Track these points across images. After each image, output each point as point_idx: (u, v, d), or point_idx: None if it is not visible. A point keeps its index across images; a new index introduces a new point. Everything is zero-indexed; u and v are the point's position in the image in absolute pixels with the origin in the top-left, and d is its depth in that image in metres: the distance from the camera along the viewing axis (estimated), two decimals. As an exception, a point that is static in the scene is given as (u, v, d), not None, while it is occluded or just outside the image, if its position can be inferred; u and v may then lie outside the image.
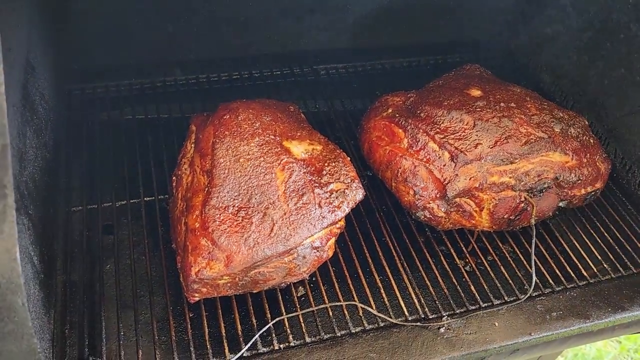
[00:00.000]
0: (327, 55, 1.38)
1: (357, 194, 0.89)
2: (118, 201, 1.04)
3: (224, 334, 0.86)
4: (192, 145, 0.93)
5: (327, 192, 0.87)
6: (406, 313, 0.93)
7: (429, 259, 1.02)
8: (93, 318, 0.88)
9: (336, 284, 0.95)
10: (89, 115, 1.20)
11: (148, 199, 1.05)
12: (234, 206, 0.81)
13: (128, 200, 1.04)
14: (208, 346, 0.84)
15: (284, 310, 0.90)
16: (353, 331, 0.89)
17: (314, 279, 0.96)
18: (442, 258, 1.03)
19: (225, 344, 0.85)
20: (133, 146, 1.14)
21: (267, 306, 0.91)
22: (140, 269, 0.95)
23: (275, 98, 1.12)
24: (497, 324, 0.93)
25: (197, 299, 0.83)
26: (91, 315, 0.88)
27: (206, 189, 0.82)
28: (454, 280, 0.99)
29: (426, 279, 0.98)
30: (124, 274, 0.94)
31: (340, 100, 1.30)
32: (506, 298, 0.97)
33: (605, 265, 1.04)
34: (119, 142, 1.15)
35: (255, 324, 0.88)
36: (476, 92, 1.04)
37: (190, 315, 0.89)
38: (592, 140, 1.04)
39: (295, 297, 0.93)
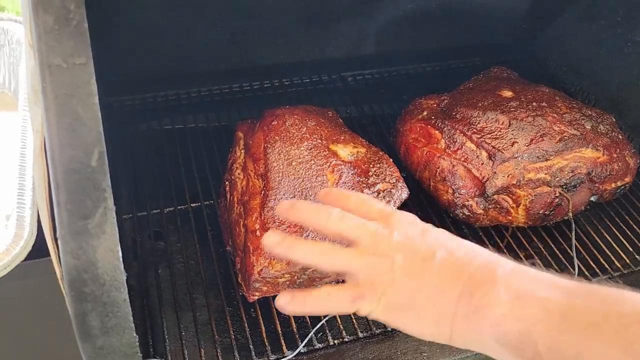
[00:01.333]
0: (353, 62, 1.42)
1: (403, 192, 0.93)
2: (166, 208, 1.08)
3: (280, 332, 0.90)
4: (242, 151, 0.97)
5: (374, 192, 0.91)
6: (451, 307, 0.96)
7: (467, 256, 1.05)
8: (153, 320, 0.91)
9: (382, 281, 0.99)
10: (129, 126, 1.24)
11: (194, 204, 1.08)
12: (290, 207, 0.84)
13: (175, 207, 1.08)
14: (266, 343, 0.88)
15: (334, 308, 0.94)
16: (403, 328, 0.93)
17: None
18: (480, 254, 1.06)
19: (283, 342, 0.88)
20: (175, 155, 1.18)
21: (318, 303, 0.94)
22: (192, 272, 0.99)
23: (307, 104, 1.16)
24: (539, 314, 0.96)
25: (256, 297, 0.87)
26: (152, 317, 0.92)
27: (262, 192, 0.86)
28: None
29: (467, 274, 1.02)
30: (178, 278, 0.98)
31: (370, 105, 1.34)
32: (546, 290, 1.00)
33: (637, 256, 1.07)
34: (161, 151, 1.18)
35: (309, 321, 0.92)
36: (508, 93, 1.09)
37: (246, 315, 0.92)
38: (620, 136, 1.08)
39: (344, 295, 0.97)
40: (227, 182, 0.96)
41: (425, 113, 1.10)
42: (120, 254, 0.56)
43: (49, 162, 0.57)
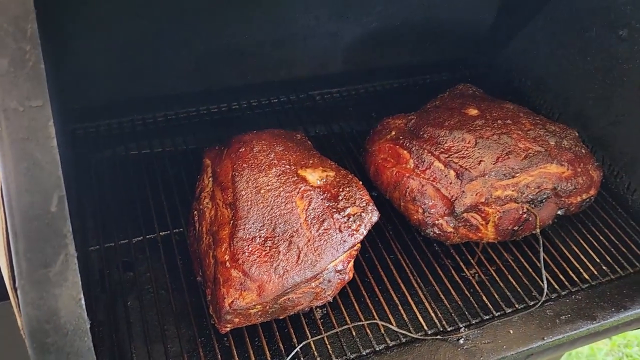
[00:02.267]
0: (320, 80, 1.43)
1: (373, 216, 0.93)
2: (134, 237, 1.06)
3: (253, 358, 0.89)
4: (210, 179, 0.96)
5: (344, 216, 0.91)
6: (425, 327, 0.96)
7: (440, 273, 1.06)
8: (124, 355, 0.89)
9: (355, 304, 0.99)
10: (94, 153, 1.22)
11: (163, 233, 1.07)
12: (260, 237, 0.84)
13: (144, 236, 1.06)
14: (239, 374, 0.87)
15: (308, 334, 0.93)
16: (377, 349, 0.93)
17: (333, 300, 0.99)
18: (451, 270, 1.07)
19: (257, 371, 0.88)
20: (142, 181, 1.16)
21: (292, 330, 0.94)
22: (163, 303, 0.97)
23: (276, 125, 1.16)
24: (511, 331, 0.97)
25: (228, 329, 0.86)
26: (121, 352, 0.90)
27: (231, 222, 0.85)
28: (466, 291, 1.03)
29: (439, 292, 1.03)
30: (148, 309, 0.96)
31: (338, 124, 1.35)
32: (517, 306, 1.01)
33: (604, 267, 1.10)
34: (127, 178, 1.17)
35: (282, 348, 0.91)
36: (473, 112, 1.10)
37: (218, 345, 0.91)
38: (583, 151, 1.10)
39: (318, 319, 0.96)
40: (195, 212, 0.95)
41: (393, 133, 1.10)
42: (83, 301, 0.54)
43: (6, 210, 0.55)
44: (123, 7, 1.12)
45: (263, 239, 0.84)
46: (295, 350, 0.90)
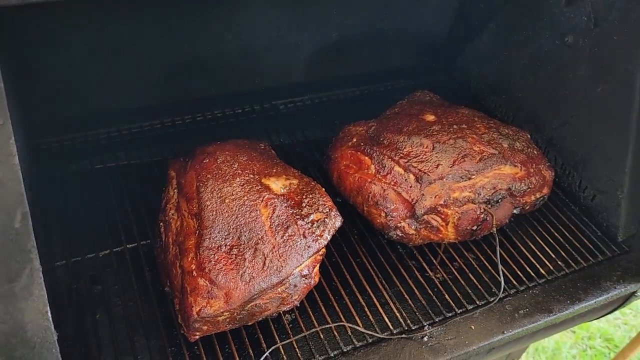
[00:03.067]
0: (283, 90, 1.45)
1: (336, 221, 0.96)
2: (101, 251, 1.06)
3: (223, 367, 0.91)
4: (175, 190, 0.98)
5: (308, 222, 0.93)
6: (391, 327, 1.00)
7: (404, 274, 1.10)
8: (93, 369, 0.90)
9: (322, 307, 1.01)
10: (59, 168, 1.21)
11: (130, 245, 1.08)
12: (226, 245, 0.86)
13: (111, 249, 1.07)
14: (210, 381, 0.88)
15: (277, 339, 0.95)
16: (345, 350, 0.95)
17: (301, 304, 1.01)
18: (415, 271, 1.11)
19: (228, 377, 0.89)
20: (108, 194, 1.16)
21: (261, 336, 0.96)
22: (132, 315, 0.98)
23: (241, 135, 1.18)
24: (473, 327, 1.01)
25: (197, 337, 0.87)
26: (91, 365, 0.90)
27: (197, 232, 0.87)
28: (429, 290, 1.07)
29: (404, 292, 1.06)
30: (117, 322, 0.96)
31: (302, 131, 1.38)
32: (478, 302, 1.05)
33: (559, 262, 1.15)
34: (93, 192, 1.17)
35: (252, 354, 0.93)
36: (430, 117, 1.14)
37: (189, 353, 0.92)
38: (535, 152, 1.16)
39: (286, 324, 0.99)
40: (161, 223, 0.96)
41: (354, 140, 1.14)
42: (50, 314, 0.55)
43: (-31, 227, 0.56)
44: (84, 23, 1.13)
45: (229, 247, 0.86)
46: (264, 356, 0.92)
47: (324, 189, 1.01)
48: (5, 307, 0.54)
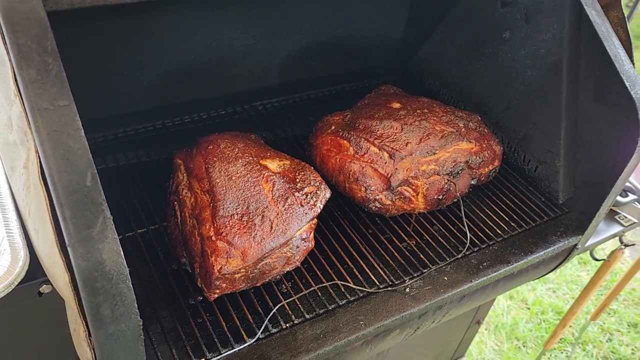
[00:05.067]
0: (261, 92, 1.61)
1: (326, 192, 1.12)
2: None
3: (239, 325, 1.04)
4: (184, 174, 1.11)
5: (303, 194, 1.09)
6: (377, 283, 1.16)
7: (384, 241, 1.26)
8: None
9: (317, 271, 1.16)
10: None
11: (141, 230, 1.19)
12: (237, 214, 1.00)
13: (123, 235, 1.18)
14: (229, 336, 1.01)
15: (282, 298, 1.10)
16: (340, 303, 1.10)
17: (299, 271, 1.16)
18: (394, 239, 1.27)
19: (243, 332, 1.02)
20: (114, 189, 1.28)
21: (267, 298, 1.10)
22: (149, 289, 1.09)
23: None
24: (446, 278, 1.19)
25: (217, 295, 1.00)
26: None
27: (211, 204, 1.01)
28: (407, 253, 1.24)
29: (386, 255, 1.23)
30: (139, 296, 1.06)
31: (282, 128, 1.53)
32: (448, 259, 1.23)
33: (512, 224, 1.34)
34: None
35: (261, 311, 1.07)
36: (396, 105, 1.32)
37: (207, 314, 1.05)
38: (486, 130, 1.36)
39: (288, 287, 1.13)
40: (175, 203, 1.09)
41: (333, 127, 1.30)
42: (122, 252, 0.68)
43: (50, 188, 0.68)
44: (78, 38, 1.24)
45: (240, 215, 1.00)
46: (272, 312, 1.06)
47: (312, 168, 1.17)
48: (87, 248, 0.67)
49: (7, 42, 0.73)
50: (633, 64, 1.21)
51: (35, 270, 0.82)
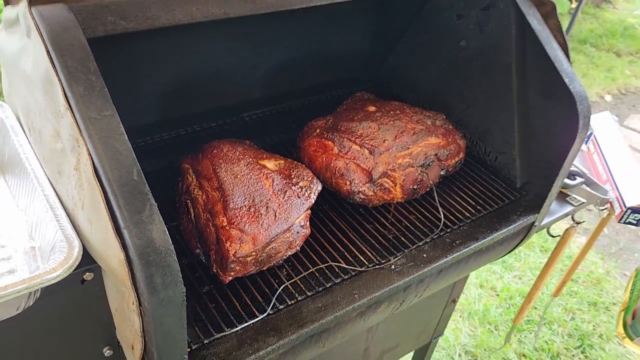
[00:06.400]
0: (247, 104, 1.77)
1: (318, 186, 1.29)
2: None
3: (250, 303, 1.19)
4: (193, 176, 1.26)
5: (299, 187, 1.25)
6: (366, 262, 1.32)
7: (369, 228, 1.43)
8: (149, 317, 1.15)
9: (313, 256, 1.32)
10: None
11: (153, 230, 1.33)
12: (245, 206, 1.15)
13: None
14: (242, 313, 1.16)
15: (285, 280, 1.25)
16: (336, 282, 1.26)
17: (297, 257, 1.32)
18: (377, 225, 1.45)
19: (254, 309, 1.17)
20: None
21: (272, 280, 1.25)
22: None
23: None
24: (425, 255, 1.36)
25: (231, 278, 1.15)
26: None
27: (222, 199, 1.16)
28: (389, 236, 1.41)
29: (371, 240, 1.39)
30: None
31: (269, 136, 1.69)
32: (425, 239, 1.41)
33: (478, 207, 1.54)
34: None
35: (269, 292, 1.22)
36: (372, 108, 1.51)
37: (221, 297, 1.20)
38: (451, 127, 1.55)
39: (289, 271, 1.29)
40: (187, 201, 1.23)
41: (318, 131, 1.48)
42: (167, 231, 0.83)
43: (104, 183, 0.83)
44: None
45: (248, 207, 1.16)
46: (278, 291, 1.21)
47: (304, 166, 1.33)
48: (139, 229, 0.81)
49: (57, 65, 0.88)
50: (570, 63, 1.43)
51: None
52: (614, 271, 3.34)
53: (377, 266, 1.31)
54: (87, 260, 0.95)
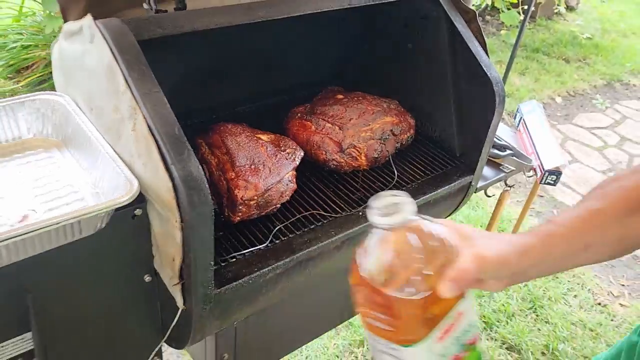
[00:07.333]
0: (237, 101, 2.18)
1: (301, 152, 1.69)
2: (157, 197, 1.70)
3: (253, 239, 1.58)
4: (205, 147, 1.65)
5: (286, 153, 1.66)
6: (340, 211, 1.72)
7: (342, 187, 1.84)
8: (178, 250, 1.53)
9: (299, 207, 1.72)
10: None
11: (174, 193, 1.72)
12: (247, 164, 1.55)
13: (163, 196, 1.70)
14: (247, 244, 1.55)
15: (278, 223, 1.65)
16: (318, 224, 1.65)
17: (286, 208, 1.71)
18: (348, 186, 1.85)
19: (257, 242, 1.56)
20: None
21: (268, 224, 1.65)
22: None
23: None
24: (385, 205, 1.77)
25: (239, 218, 1.54)
26: (177, 248, 1.53)
27: (230, 161, 1.56)
28: (357, 193, 1.82)
29: (344, 196, 1.80)
30: (181, 230, 1.60)
31: (257, 126, 2.10)
32: (385, 195, 1.82)
33: (426, 172, 1.95)
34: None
35: (267, 232, 1.61)
36: (340, 96, 1.93)
37: (232, 235, 1.58)
38: (402, 109, 1.98)
39: (281, 217, 1.68)
40: (203, 165, 1.63)
41: (299, 114, 1.89)
42: (200, 167, 1.23)
43: (156, 136, 1.22)
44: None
45: (249, 165, 1.55)
46: (274, 230, 1.60)
47: (289, 138, 1.74)
48: (182, 165, 1.20)
49: (118, 59, 1.27)
50: (488, 56, 1.87)
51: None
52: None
53: (348, 213, 1.72)
54: (138, 201, 1.33)
